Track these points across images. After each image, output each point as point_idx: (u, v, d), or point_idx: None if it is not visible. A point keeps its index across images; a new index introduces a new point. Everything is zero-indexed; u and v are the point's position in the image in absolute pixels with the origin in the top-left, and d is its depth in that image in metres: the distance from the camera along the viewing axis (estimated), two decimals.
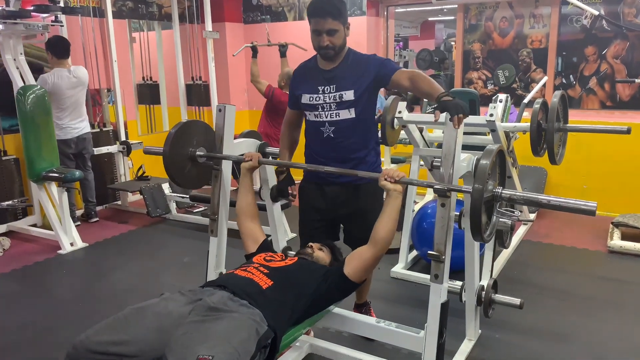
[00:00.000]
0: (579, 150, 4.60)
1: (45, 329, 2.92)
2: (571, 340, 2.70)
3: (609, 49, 4.72)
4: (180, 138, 2.48)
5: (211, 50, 5.57)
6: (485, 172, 1.87)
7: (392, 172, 2.02)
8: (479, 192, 1.83)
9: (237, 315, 1.67)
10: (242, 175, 2.39)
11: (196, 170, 2.57)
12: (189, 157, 2.52)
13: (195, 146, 2.53)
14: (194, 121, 2.69)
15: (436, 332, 2.01)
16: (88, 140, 4.68)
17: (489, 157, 1.91)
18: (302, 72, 2.45)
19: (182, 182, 2.59)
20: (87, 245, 4.22)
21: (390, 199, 2.03)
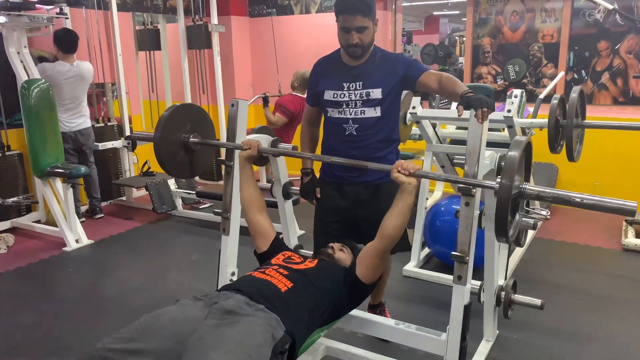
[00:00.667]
0: (591, 147, 4.49)
1: (53, 329, 2.86)
2: (591, 341, 2.65)
3: (622, 44, 4.64)
4: (172, 123, 2.32)
5: (217, 44, 5.48)
6: (514, 165, 1.71)
7: (407, 163, 1.89)
8: (507, 188, 1.68)
9: (252, 319, 1.61)
10: (241, 166, 2.24)
11: (189, 158, 2.43)
12: (181, 144, 2.36)
13: (189, 132, 2.38)
14: (187, 105, 2.54)
15: (459, 335, 1.95)
16: (87, 135, 4.58)
17: (519, 149, 1.76)
18: (324, 67, 2.36)
19: (174, 170, 2.43)
20: (92, 242, 4.16)
21: (403, 193, 1.91)
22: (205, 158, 2.56)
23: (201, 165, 2.53)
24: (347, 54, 2.25)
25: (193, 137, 2.38)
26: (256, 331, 1.56)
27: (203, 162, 2.54)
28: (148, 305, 3.06)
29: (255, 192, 2.23)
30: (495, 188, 1.75)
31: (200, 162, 2.51)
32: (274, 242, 2.18)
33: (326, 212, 2.45)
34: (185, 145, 2.37)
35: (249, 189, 2.23)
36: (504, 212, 1.72)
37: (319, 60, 2.41)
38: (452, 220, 3.34)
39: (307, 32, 6.03)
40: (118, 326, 2.75)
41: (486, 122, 1.90)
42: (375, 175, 2.30)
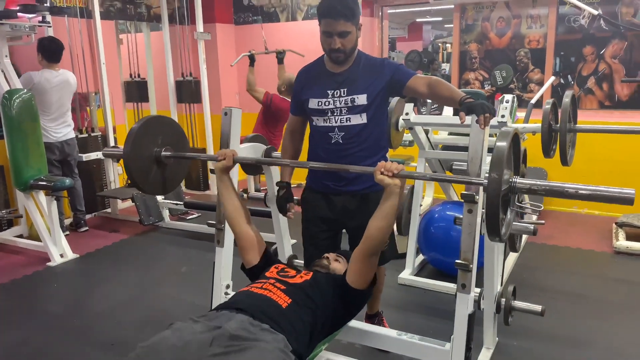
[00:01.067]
0: (579, 151, 4.50)
1: (40, 347, 2.75)
2: (590, 346, 2.63)
3: (607, 49, 4.69)
4: (143, 136, 2.18)
5: (202, 52, 5.42)
6: (503, 157, 1.58)
7: (390, 165, 1.79)
8: (496, 183, 1.56)
9: (263, 344, 1.52)
10: (218, 178, 2.12)
11: (162, 174, 2.30)
12: (153, 159, 2.23)
13: (161, 145, 2.25)
14: (157, 117, 2.41)
15: (463, 345, 1.90)
16: (73, 146, 4.49)
17: (506, 139, 1.63)
18: (307, 75, 2.30)
19: (147, 187, 2.27)
20: (77, 257, 4.04)
21: (388, 194, 1.81)
22: (179, 173, 2.44)
23: (175, 181, 2.41)
24: (330, 60, 2.19)
25: (165, 151, 2.26)
26: (269, 359, 1.49)
27: (177, 177, 2.42)
28: (138, 321, 2.99)
29: (239, 203, 2.13)
30: (484, 184, 1.66)
31: (174, 177, 2.38)
32: (265, 255, 2.10)
33: (314, 221, 2.38)
34: (157, 159, 2.25)
35: (232, 200, 2.12)
36: (495, 209, 1.61)
37: (303, 68, 2.35)
38: (446, 227, 3.32)
39: (293, 40, 6.00)
40: (107, 343, 2.72)
41: (487, 127, 1.87)
42: (362, 185, 2.25)
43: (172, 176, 2.36)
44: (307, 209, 2.41)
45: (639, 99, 4.66)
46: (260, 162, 2.34)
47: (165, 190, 2.40)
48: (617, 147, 4.58)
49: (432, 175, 1.96)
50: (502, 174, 1.59)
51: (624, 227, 4.04)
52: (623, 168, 4.63)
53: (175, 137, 2.36)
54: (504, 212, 1.75)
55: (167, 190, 2.40)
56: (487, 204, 1.62)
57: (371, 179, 2.27)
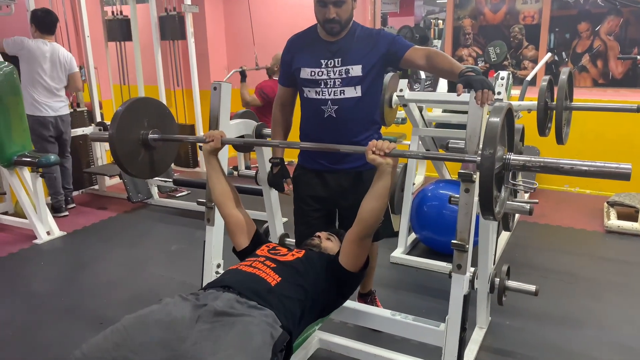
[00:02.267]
0: (572, 129, 4.51)
1: (25, 326, 2.69)
2: (583, 325, 2.63)
3: (602, 25, 4.64)
4: (128, 119, 2.11)
5: (190, 25, 5.27)
6: (496, 133, 1.52)
7: (381, 143, 1.73)
8: (489, 160, 1.50)
9: (248, 319, 1.50)
10: (206, 160, 2.06)
11: (150, 157, 2.23)
12: (140, 142, 2.17)
13: (147, 128, 2.18)
14: (143, 98, 2.33)
15: (458, 326, 1.88)
16: (67, 122, 4.34)
17: (499, 115, 1.56)
18: (299, 43, 2.21)
19: (135, 171, 2.21)
20: (65, 234, 3.97)
21: (380, 174, 1.76)
22: (168, 155, 2.37)
23: (164, 163, 2.34)
24: (325, 31, 2.10)
25: (152, 134, 2.18)
26: (254, 332, 1.45)
27: (165, 160, 2.35)
28: (127, 300, 2.95)
29: (227, 186, 2.06)
30: (477, 161, 1.61)
31: (163, 160, 2.31)
32: (255, 237, 2.04)
33: (306, 200, 2.33)
34: (145, 142, 2.17)
35: (220, 183, 2.05)
36: (488, 187, 1.55)
37: (294, 36, 2.25)
38: (439, 206, 3.30)
39: (283, 12, 5.87)
40: (96, 322, 2.67)
41: (486, 105, 1.82)
42: (357, 162, 2.20)
43: (160, 159, 2.29)
44: (299, 187, 2.35)
45: (633, 76, 4.62)
46: (248, 143, 2.25)
47: (154, 174, 2.33)
48: (609, 125, 4.56)
49: (424, 153, 1.90)
50: (496, 150, 1.53)
51: (615, 206, 4.04)
52: (615, 146, 4.61)
53: (163, 118, 2.28)
54: (498, 190, 1.71)
55: (156, 173, 2.33)
56: (480, 182, 1.57)
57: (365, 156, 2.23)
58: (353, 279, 1.93)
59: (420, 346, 2.21)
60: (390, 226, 2.42)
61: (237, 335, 1.43)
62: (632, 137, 4.53)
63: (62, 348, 2.46)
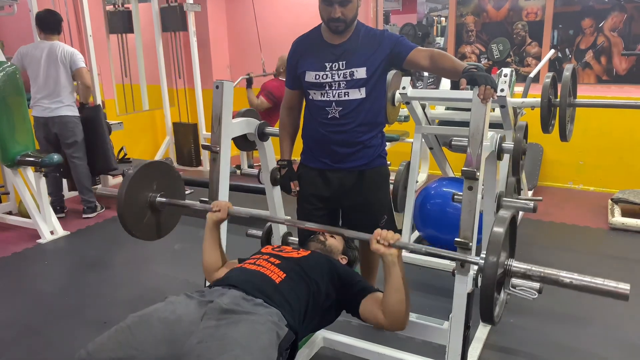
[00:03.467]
0: (575, 126, 4.49)
1: (29, 327, 2.70)
2: (587, 323, 2.62)
3: (606, 22, 4.60)
4: (138, 182, 2.13)
5: (192, 24, 5.27)
6: (499, 242, 1.59)
7: (385, 233, 1.72)
8: (493, 267, 1.57)
9: (255, 317, 1.49)
10: (208, 228, 2.04)
11: (156, 219, 2.23)
12: (147, 204, 2.17)
13: (156, 191, 2.19)
14: (154, 163, 2.32)
15: (462, 324, 1.88)
16: (62, 125, 4.11)
17: (504, 225, 1.64)
18: (304, 46, 2.21)
19: (141, 233, 2.19)
20: (68, 234, 3.98)
21: (387, 266, 1.73)
22: (173, 218, 2.37)
23: (169, 226, 2.35)
24: (329, 30, 2.09)
25: (160, 197, 2.19)
26: (261, 331, 1.45)
27: (171, 223, 2.35)
28: (131, 299, 2.95)
29: (218, 259, 2.04)
30: (480, 264, 1.64)
31: (167, 223, 2.32)
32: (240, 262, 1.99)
33: (309, 199, 2.32)
34: (152, 205, 2.18)
35: (212, 255, 2.03)
36: (490, 293, 1.61)
37: (298, 38, 2.25)
38: (442, 204, 3.29)
39: (286, 11, 5.86)
40: (100, 322, 2.67)
41: (489, 102, 1.81)
42: (359, 161, 2.20)
43: (165, 222, 2.29)
44: (302, 186, 2.35)
45: (637, 73, 4.59)
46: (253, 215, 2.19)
47: (159, 236, 2.32)
48: (613, 122, 4.54)
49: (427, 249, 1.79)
50: (499, 257, 1.60)
51: (620, 203, 4.02)
52: (619, 143, 4.60)
53: (171, 182, 2.29)
54: (498, 293, 1.75)
55: (160, 235, 2.33)
56: (481, 288, 1.61)
57: (368, 155, 2.22)
58: None
59: (424, 344, 2.21)
60: (394, 226, 2.42)
61: (244, 334, 1.43)
62: (636, 134, 4.51)
63: (66, 347, 2.47)
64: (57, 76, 4.07)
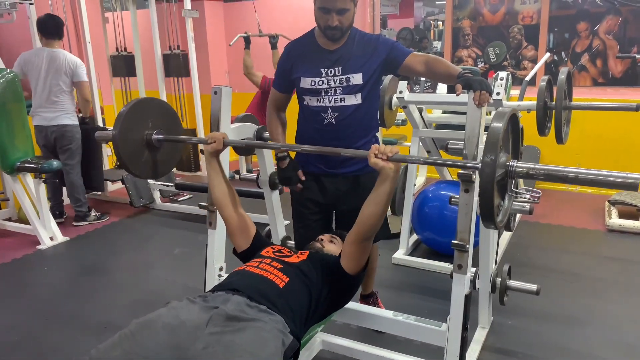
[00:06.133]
0: (572, 128, 4.51)
1: (30, 332, 2.71)
2: (585, 324, 2.64)
3: (601, 25, 4.65)
4: (132, 119, 2.11)
5: (190, 30, 5.29)
6: (498, 139, 1.49)
7: (384, 148, 1.71)
8: (490, 167, 1.48)
9: (260, 324, 1.50)
10: (208, 161, 2.05)
11: (154, 157, 2.23)
12: (144, 142, 2.16)
13: (151, 128, 2.17)
14: (147, 99, 2.31)
15: (460, 326, 1.89)
16: (60, 134, 4.10)
17: (502, 120, 1.54)
18: (298, 52, 2.20)
19: (138, 171, 2.19)
20: (68, 239, 3.99)
21: (382, 179, 1.74)
22: (172, 156, 2.36)
23: (168, 164, 2.34)
24: (325, 37, 2.09)
25: (156, 134, 2.18)
26: (267, 339, 1.46)
27: (169, 161, 2.34)
28: (131, 304, 2.96)
29: (228, 187, 2.06)
30: (478, 167, 1.58)
31: (166, 161, 2.31)
32: (256, 238, 2.05)
33: (305, 204, 2.32)
34: (149, 142, 2.17)
35: (220, 185, 2.05)
36: (489, 194, 1.52)
37: (291, 43, 2.23)
38: (440, 207, 3.30)
39: (283, 16, 5.89)
40: (100, 327, 2.68)
41: (484, 105, 1.83)
42: (355, 167, 2.21)
43: (164, 160, 2.29)
44: (297, 191, 2.35)
45: (632, 75, 4.63)
46: (250, 145, 2.24)
47: (157, 174, 2.33)
48: (609, 124, 4.57)
49: (425, 159, 1.84)
50: (498, 157, 1.51)
51: (617, 205, 4.04)
52: (615, 145, 4.63)
53: (167, 119, 2.28)
54: (501, 198, 1.68)
55: (160, 174, 2.33)
56: (480, 189, 1.55)
57: (364, 161, 2.22)
58: (354, 281, 1.93)
59: (423, 346, 2.23)
60: (387, 228, 2.43)
61: (250, 341, 1.43)
62: (632, 136, 4.54)
63: (67, 353, 2.47)
64: (58, 85, 4.06)
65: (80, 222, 4.36)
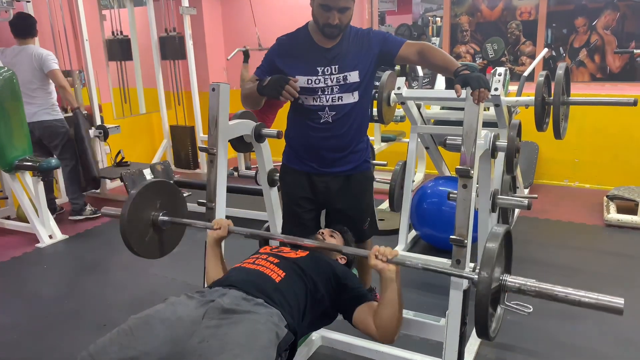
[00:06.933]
0: (570, 124, 4.50)
1: (30, 330, 2.71)
2: (584, 318, 2.64)
3: (599, 20, 4.64)
4: (142, 200, 2.12)
5: (188, 28, 5.29)
6: (493, 257, 1.61)
7: (384, 250, 1.74)
8: (486, 281, 1.58)
9: (255, 317, 1.51)
10: (209, 246, 2.05)
11: (158, 238, 2.24)
12: (150, 223, 2.17)
13: (159, 210, 2.19)
14: (159, 181, 2.30)
15: (458, 321, 1.90)
16: (45, 129, 4.11)
17: (497, 240, 1.66)
18: (292, 48, 2.13)
19: (142, 251, 2.19)
20: (67, 238, 3.99)
21: (384, 282, 1.74)
22: (176, 236, 2.37)
23: (171, 244, 2.35)
24: (323, 34, 2.06)
25: (162, 215, 2.19)
26: (260, 331, 1.47)
27: (173, 241, 2.36)
28: (131, 302, 2.96)
29: (222, 270, 2.03)
30: (474, 279, 1.65)
31: (170, 241, 2.33)
32: None
33: (298, 202, 2.30)
34: (154, 223, 2.19)
35: (215, 270, 2.03)
36: (484, 307, 1.61)
37: (284, 38, 2.17)
38: (439, 203, 3.31)
39: (281, 12, 5.88)
40: (99, 324, 2.69)
41: (483, 102, 1.84)
42: (345, 167, 2.21)
43: (168, 239, 2.30)
44: (289, 188, 2.33)
45: (630, 70, 4.63)
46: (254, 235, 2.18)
47: (162, 254, 2.33)
48: (607, 120, 4.57)
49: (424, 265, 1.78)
50: (493, 272, 1.60)
51: (615, 200, 4.05)
52: (613, 140, 4.63)
53: (174, 200, 2.30)
54: (494, 309, 1.76)
55: (163, 253, 2.33)
56: (476, 303, 1.63)
57: (355, 160, 2.23)
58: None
59: (422, 341, 2.24)
60: (376, 228, 2.45)
61: (243, 334, 1.44)
62: (631, 131, 4.55)
63: (66, 351, 2.48)
64: (32, 80, 4.05)
65: (76, 216, 4.38)
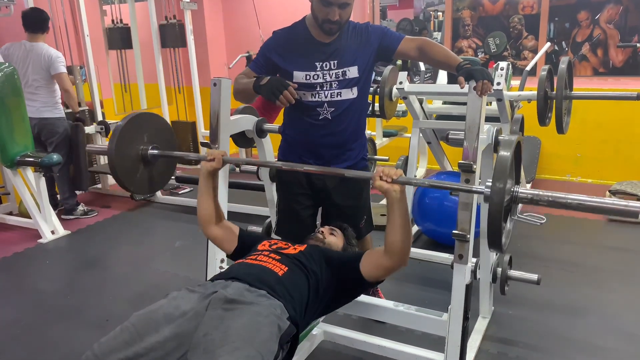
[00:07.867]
0: (572, 118, 4.50)
1: (32, 326, 2.72)
2: (586, 313, 2.65)
3: (602, 14, 4.61)
4: (127, 134, 2.08)
5: (189, 23, 5.27)
6: (506, 168, 1.55)
7: (388, 170, 1.70)
8: (499, 193, 1.53)
9: (257, 309, 1.51)
10: (203, 178, 1.98)
11: (149, 173, 2.20)
12: (139, 157, 2.14)
13: (147, 143, 2.16)
14: (144, 113, 2.26)
15: (461, 315, 1.90)
16: (46, 126, 4.11)
17: (509, 149, 1.60)
18: (289, 43, 2.09)
19: (134, 187, 2.16)
20: (69, 233, 4.00)
21: (390, 204, 1.71)
22: (167, 171, 2.35)
23: (163, 179, 2.32)
24: (322, 30, 2.02)
25: (152, 149, 2.16)
26: (263, 324, 1.47)
27: (164, 176, 2.33)
28: (133, 297, 2.97)
29: (213, 208, 1.99)
30: (486, 193, 1.59)
31: (161, 176, 2.29)
32: (240, 236, 2.01)
33: (297, 199, 2.29)
34: (144, 158, 2.15)
35: (207, 204, 1.98)
36: (498, 221, 1.57)
37: (281, 32, 2.13)
38: (441, 198, 3.30)
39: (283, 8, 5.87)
40: (102, 320, 2.69)
41: (485, 95, 1.83)
42: (343, 164, 2.20)
43: (159, 175, 2.27)
44: (287, 185, 2.32)
45: (633, 64, 4.61)
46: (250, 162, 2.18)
47: (153, 190, 2.30)
48: (610, 114, 4.56)
49: (430, 182, 1.79)
50: (506, 184, 1.55)
51: (617, 195, 4.05)
52: (616, 135, 4.62)
53: (163, 134, 2.26)
54: (505, 222, 1.72)
55: (155, 189, 2.31)
56: (489, 215, 1.58)
57: (352, 157, 2.23)
58: (363, 285, 1.88)
59: (424, 336, 2.24)
60: (372, 226, 2.45)
61: (245, 327, 1.44)
62: (633, 125, 4.53)
63: (69, 346, 2.49)
64: (36, 79, 4.05)
65: (68, 215, 4.37)
